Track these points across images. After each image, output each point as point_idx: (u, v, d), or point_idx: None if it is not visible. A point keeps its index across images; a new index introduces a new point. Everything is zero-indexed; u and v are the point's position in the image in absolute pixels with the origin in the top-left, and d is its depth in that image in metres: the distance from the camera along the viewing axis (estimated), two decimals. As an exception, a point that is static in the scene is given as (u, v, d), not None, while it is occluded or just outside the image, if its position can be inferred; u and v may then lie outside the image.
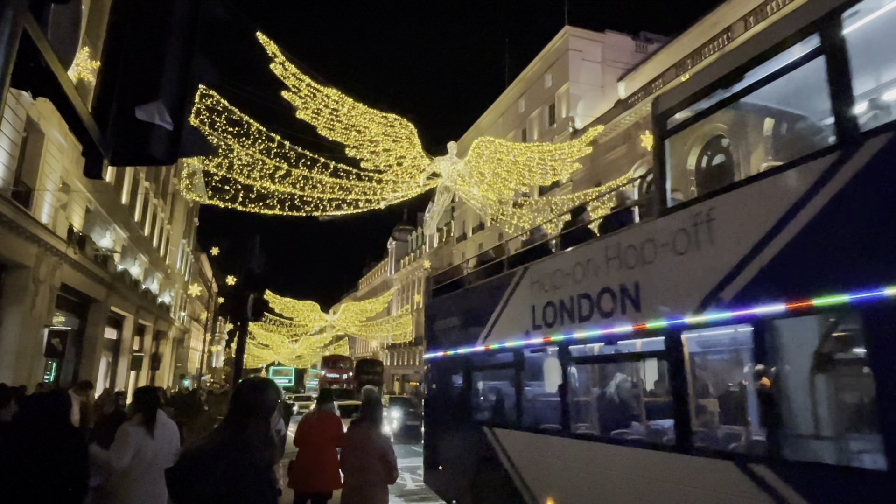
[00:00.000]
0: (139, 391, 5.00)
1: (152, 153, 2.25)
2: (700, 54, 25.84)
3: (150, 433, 4.08)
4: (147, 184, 25.13)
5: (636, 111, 29.52)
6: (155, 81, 2.25)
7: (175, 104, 2.31)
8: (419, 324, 57.80)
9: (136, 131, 2.19)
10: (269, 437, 2.73)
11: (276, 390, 2.83)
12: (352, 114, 16.08)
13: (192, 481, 2.46)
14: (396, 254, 72.87)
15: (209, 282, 60.28)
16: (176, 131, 2.32)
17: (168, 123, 2.28)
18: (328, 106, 15.88)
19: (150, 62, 2.24)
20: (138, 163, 2.33)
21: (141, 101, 2.20)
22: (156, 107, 2.24)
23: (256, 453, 2.57)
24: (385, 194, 16.58)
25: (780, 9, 21.94)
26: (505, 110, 45.10)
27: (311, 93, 15.52)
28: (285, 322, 52.20)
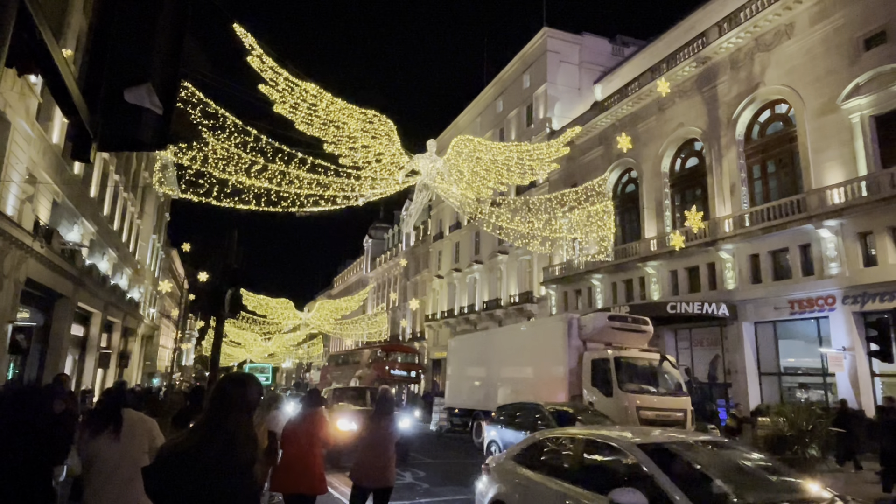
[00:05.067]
0: (103, 393, 4.83)
1: (141, 138, 2.18)
2: (675, 59, 26.29)
3: (115, 437, 3.88)
4: (117, 177, 24.50)
5: (612, 113, 29.91)
6: (145, 64, 2.18)
7: (164, 88, 2.24)
8: (394, 322, 57.58)
9: (124, 115, 2.11)
10: (251, 432, 2.67)
11: (257, 385, 2.75)
12: (330, 109, 15.89)
13: (172, 479, 2.39)
14: (372, 251, 72.48)
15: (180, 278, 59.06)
16: (165, 116, 2.25)
17: (157, 108, 2.21)
18: (306, 100, 15.66)
19: (140, 44, 2.16)
20: (127, 148, 2.25)
21: (130, 84, 2.13)
22: (145, 90, 2.17)
23: (239, 449, 2.51)
24: (363, 191, 16.43)
25: (753, 15, 22.45)
26: (483, 109, 45.23)
27: (289, 87, 15.29)
28: (258, 320, 51.42)
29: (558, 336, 15.74)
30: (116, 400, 4.10)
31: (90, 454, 3.84)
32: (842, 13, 19.47)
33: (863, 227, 18.08)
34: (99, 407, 4.21)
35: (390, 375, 26.71)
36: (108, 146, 2.11)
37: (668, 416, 13.55)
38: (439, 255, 50.32)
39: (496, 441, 12.88)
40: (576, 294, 31.24)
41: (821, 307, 19.03)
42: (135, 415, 4.12)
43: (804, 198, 19.73)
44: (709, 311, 21.78)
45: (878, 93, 18.18)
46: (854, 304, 18.02)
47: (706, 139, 24.70)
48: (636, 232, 28.30)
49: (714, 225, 22.95)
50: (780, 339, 21.31)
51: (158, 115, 2.22)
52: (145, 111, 2.17)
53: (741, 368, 21.64)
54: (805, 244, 19.88)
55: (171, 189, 25.28)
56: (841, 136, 19.16)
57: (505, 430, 12.69)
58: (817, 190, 19.31)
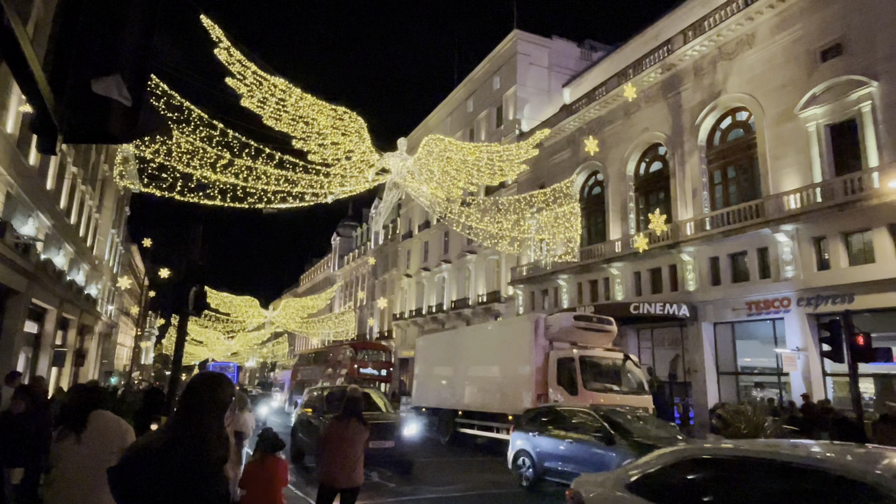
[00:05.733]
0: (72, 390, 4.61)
1: (109, 130, 2.12)
2: (641, 64, 26.85)
3: (78, 438, 3.73)
4: (75, 169, 23.66)
5: (580, 117, 30.36)
6: (113, 53, 2.12)
7: (134, 78, 2.18)
8: (362, 321, 57.21)
9: (92, 106, 2.06)
10: (223, 432, 2.63)
11: (230, 385, 2.72)
12: (299, 105, 15.70)
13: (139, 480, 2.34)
14: (340, 249, 71.85)
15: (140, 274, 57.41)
16: (135, 108, 2.19)
17: (126, 99, 2.15)
18: (275, 95, 15.43)
19: (109, 32, 2.11)
20: (94, 140, 2.19)
21: (98, 74, 2.07)
22: (114, 80, 2.12)
23: (211, 449, 2.47)
24: (332, 188, 16.29)
25: (717, 24, 23.10)
26: (454, 109, 45.33)
27: (257, 81, 15.04)
28: (221, 318, 50.40)
29: (525, 335, 15.90)
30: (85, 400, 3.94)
31: (54, 456, 3.71)
32: (800, 25, 20.20)
33: (817, 232, 18.80)
34: (67, 406, 4.05)
35: (359, 374, 26.27)
36: (75, 138, 2.05)
37: (630, 415, 13.83)
38: (408, 254, 50.22)
39: (528, 452, 11.10)
40: (542, 294, 31.61)
41: (776, 309, 19.72)
42: (109, 417, 3.92)
43: (762, 203, 20.41)
44: (670, 311, 22.33)
45: (833, 103, 18.93)
46: (808, 306, 18.73)
47: (670, 144, 25.31)
48: (602, 233, 28.80)
49: (676, 228, 23.53)
50: (738, 340, 22.01)
51: (127, 107, 2.17)
52: (114, 103, 2.12)
53: (700, 368, 22.25)
54: (762, 248, 20.56)
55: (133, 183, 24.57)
56: (798, 144, 19.89)
57: (539, 438, 10.97)
58: (775, 195, 20.00)
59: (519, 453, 11.36)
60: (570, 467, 9.87)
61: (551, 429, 10.91)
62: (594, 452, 9.56)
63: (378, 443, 10.65)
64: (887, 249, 16.82)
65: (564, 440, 10.37)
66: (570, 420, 10.79)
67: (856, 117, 18.36)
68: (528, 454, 11.02)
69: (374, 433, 10.85)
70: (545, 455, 10.69)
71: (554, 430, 10.81)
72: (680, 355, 23.83)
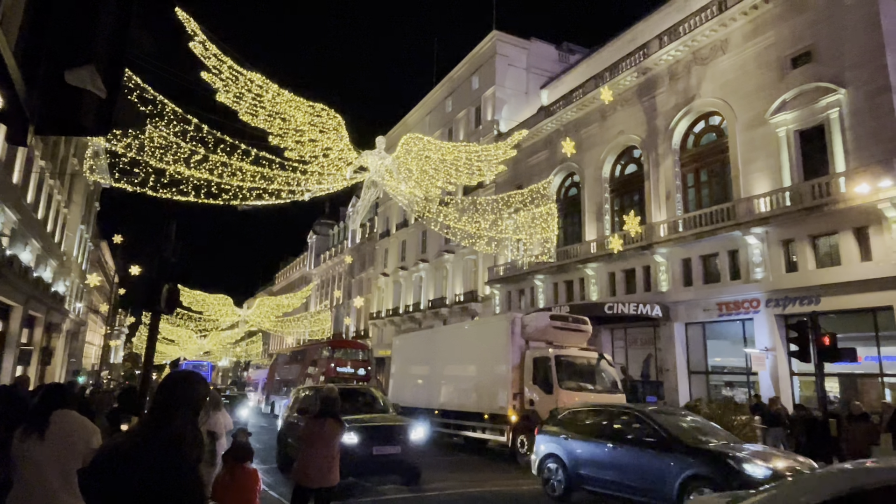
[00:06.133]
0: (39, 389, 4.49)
1: (83, 122, 2.08)
2: (618, 68, 27.19)
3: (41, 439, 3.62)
4: (43, 162, 23.02)
5: (557, 119, 30.62)
6: (88, 43, 2.07)
7: (109, 70, 2.14)
8: (338, 320, 56.82)
9: (65, 97, 2.01)
10: (197, 432, 2.58)
11: (204, 384, 2.68)
12: (276, 100, 15.53)
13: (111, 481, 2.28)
14: (317, 248, 71.25)
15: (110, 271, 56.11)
16: (109, 100, 2.15)
17: (101, 91, 2.11)
18: (251, 90, 15.24)
19: (84, 20, 2.06)
20: (67, 132, 2.14)
21: (72, 65, 2.02)
22: (88, 71, 2.07)
23: (186, 448, 2.43)
24: (310, 186, 16.14)
25: (692, 30, 23.52)
26: (432, 109, 45.31)
27: (233, 76, 14.83)
28: (193, 316, 49.53)
29: (502, 335, 15.97)
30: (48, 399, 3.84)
31: (16, 457, 3.60)
32: (772, 32, 20.69)
33: (786, 235, 19.28)
34: (35, 406, 3.94)
35: (337, 373, 25.89)
36: (47, 129, 2.00)
37: (604, 413, 14.00)
38: (385, 253, 50.04)
39: (557, 457, 9.92)
40: (519, 294, 31.80)
41: (746, 310, 20.17)
42: (75, 418, 3.83)
43: (733, 206, 20.85)
44: (643, 311, 22.67)
45: (802, 109, 19.43)
46: (776, 307, 19.20)
47: (645, 147, 25.68)
48: (577, 234, 29.10)
49: (650, 230, 23.90)
50: (709, 340, 22.45)
51: (102, 100, 2.12)
52: (88, 94, 2.07)
53: (672, 367, 22.65)
54: (733, 250, 21.01)
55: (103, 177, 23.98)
56: (768, 149, 20.37)
57: (572, 441, 9.82)
58: (746, 199, 20.45)
59: (546, 459, 10.17)
60: (613, 475, 8.88)
61: (587, 431, 9.81)
62: (645, 459, 8.50)
63: (382, 448, 10.00)
64: (853, 252, 17.34)
65: (605, 444, 9.22)
66: (609, 421, 9.75)
67: (824, 123, 18.87)
68: (559, 460, 9.87)
69: (377, 438, 10.02)
70: (580, 461, 9.51)
71: (590, 432, 9.73)
72: (652, 354, 24.21)
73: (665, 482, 8.01)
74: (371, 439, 9.93)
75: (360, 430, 9.89)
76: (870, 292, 16.56)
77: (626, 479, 8.62)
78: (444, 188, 16.94)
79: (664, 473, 8.05)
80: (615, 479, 8.84)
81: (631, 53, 26.70)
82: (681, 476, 7.81)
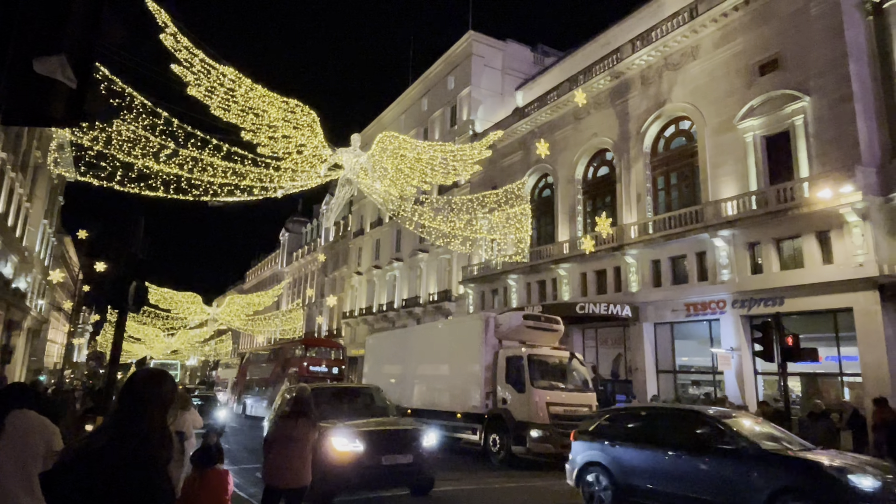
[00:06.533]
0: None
1: (51, 113, 2.02)
2: (591, 71, 27.53)
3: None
4: (4, 154, 22.25)
5: (532, 120, 30.85)
6: (59, 32, 2.02)
7: (80, 60, 2.08)
8: (310, 319, 56.26)
9: (34, 87, 1.95)
10: (166, 431, 2.54)
11: (172, 382, 2.63)
12: (250, 95, 15.30)
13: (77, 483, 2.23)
14: (289, 246, 70.46)
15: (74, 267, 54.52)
16: (80, 90, 2.09)
17: (71, 81, 2.05)
18: (223, 85, 14.98)
19: (54, 9, 2.00)
20: (34, 123, 2.08)
21: (41, 53, 1.97)
22: (58, 61, 2.01)
23: (154, 448, 2.38)
24: (283, 183, 15.95)
25: (663, 36, 23.96)
26: (408, 107, 45.20)
27: (205, 69, 14.55)
28: (161, 314, 48.45)
29: (476, 334, 16.04)
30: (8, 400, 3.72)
31: None
32: (741, 39, 21.20)
33: (751, 237, 19.79)
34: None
35: (310, 372, 25.53)
36: (14, 119, 1.94)
37: (575, 412, 14.17)
38: (359, 252, 49.75)
39: (602, 467, 8.80)
40: (493, 293, 31.96)
41: (713, 310, 20.65)
42: (34, 418, 3.72)
43: (702, 209, 21.32)
44: (614, 311, 23.03)
45: (769, 115, 19.97)
46: (742, 308, 19.70)
47: (617, 150, 26.07)
48: (551, 235, 29.38)
49: (621, 231, 24.28)
50: (677, 339, 22.92)
51: (72, 90, 2.07)
52: (57, 84, 2.02)
53: (641, 366, 23.05)
54: (701, 252, 21.48)
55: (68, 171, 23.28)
56: (736, 154, 20.88)
57: (620, 448, 8.72)
58: (714, 202, 20.93)
59: (587, 468, 9.01)
60: (677, 488, 7.81)
61: (638, 437, 8.71)
62: (720, 469, 7.45)
63: (392, 458, 8.85)
64: (815, 256, 17.89)
65: (664, 452, 8.11)
66: (666, 425, 8.69)
67: (789, 130, 19.43)
68: (603, 469, 8.74)
69: (387, 445, 8.94)
70: (631, 471, 8.41)
71: (643, 438, 8.63)
72: (622, 354, 24.60)
73: (747, 496, 7.03)
74: (379, 447, 8.81)
75: (366, 437, 8.73)
76: (831, 294, 17.11)
77: (695, 492, 7.56)
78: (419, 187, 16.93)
79: (746, 486, 7.07)
80: (679, 492, 7.75)
81: (604, 57, 27.06)
82: (768, 489, 6.84)
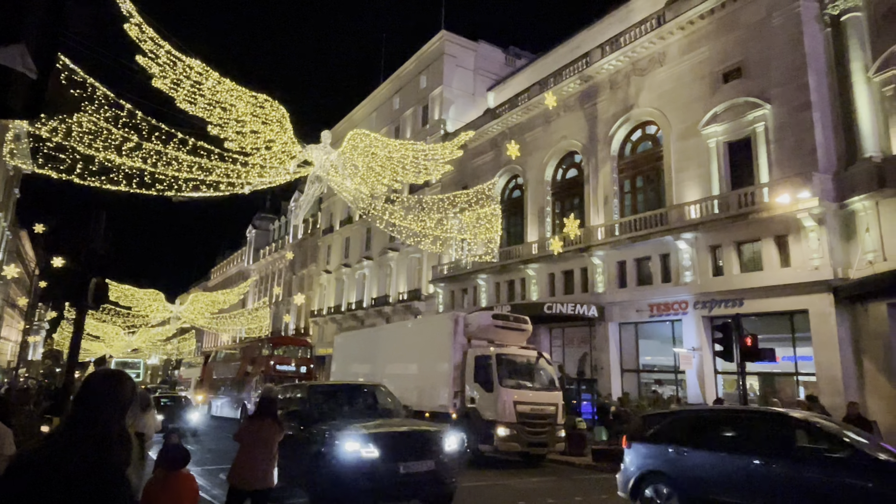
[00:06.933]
0: None
1: (9, 105, 1.95)
2: (561, 74, 27.87)
3: None
4: (-46, 144, 21.31)
5: (503, 121, 31.07)
6: (17, 18, 1.95)
7: (41, 49, 2.02)
8: (277, 317, 55.47)
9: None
10: (125, 434, 2.47)
11: (131, 382, 2.56)
12: (217, 89, 15.00)
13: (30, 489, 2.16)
14: (256, 243, 69.33)
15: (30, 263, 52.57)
16: (40, 81, 2.03)
17: (31, 71, 1.99)
18: (190, 77, 14.66)
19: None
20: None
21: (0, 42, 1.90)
22: (17, 50, 1.95)
23: (113, 452, 2.32)
24: (250, 179, 15.70)
25: (632, 41, 24.42)
26: (379, 105, 44.98)
27: (170, 61, 14.22)
28: (121, 312, 47.12)
29: (445, 333, 16.07)
30: None
31: None
32: (706, 47, 21.77)
33: (713, 240, 20.34)
34: None
35: (276, 371, 25.03)
36: (-30, 109, 1.87)
37: (541, 410, 14.35)
38: (328, 250, 49.28)
39: (666, 476, 7.53)
40: (462, 293, 32.07)
41: (675, 311, 21.16)
42: None
43: (666, 212, 21.82)
44: (580, 311, 23.38)
45: (731, 122, 20.55)
46: (703, 308, 20.23)
47: (585, 152, 26.47)
48: (520, 236, 29.64)
49: (588, 233, 24.66)
50: (641, 339, 23.41)
51: (32, 81, 2.01)
52: (16, 74, 1.96)
53: (606, 365, 23.46)
54: (665, 254, 21.98)
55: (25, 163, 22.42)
56: (700, 158, 21.43)
57: (692, 455, 7.43)
58: (677, 205, 21.44)
59: (646, 478, 7.69)
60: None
61: (714, 443, 7.34)
62: (829, 482, 6.23)
63: (412, 465, 7.61)
64: (773, 259, 18.50)
65: (750, 460, 6.76)
66: (750, 429, 7.34)
67: (751, 136, 20.04)
68: (668, 479, 7.44)
69: (405, 451, 7.64)
70: (706, 482, 7.08)
71: (720, 444, 7.29)
72: (588, 353, 24.98)
73: None
74: (397, 452, 7.57)
75: (382, 440, 7.56)
76: (788, 296, 17.72)
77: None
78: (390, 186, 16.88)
79: (863, 502, 6.02)
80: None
81: (574, 61, 27.43)
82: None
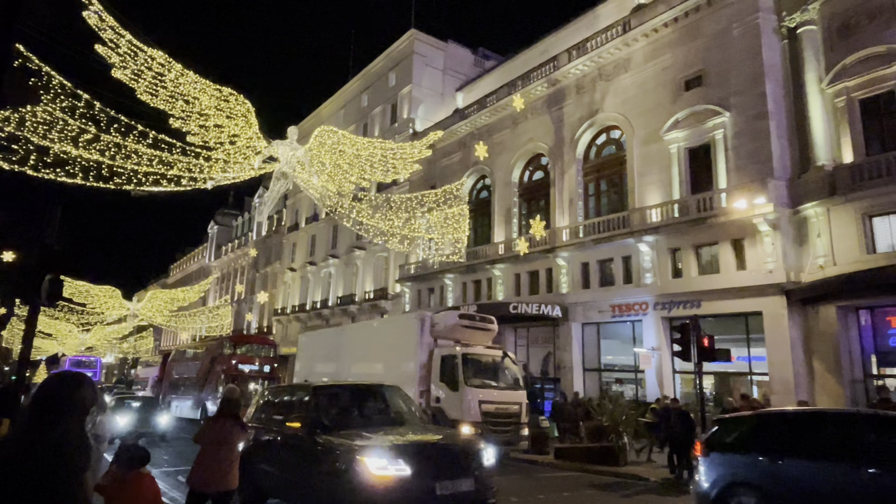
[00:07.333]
0: None
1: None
2: (529, 77, 28.19)
3: None
4: None
5: (471, 122, 31.24)
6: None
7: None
8: (239, 315, 54.42)
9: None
10: (84, 439, 2.41)
11: (91, 386, 2.50)
12: (180, 81, 14.65)
13: None
14: (218, 239, 67.83)
15: (-25, 257, 50.23)
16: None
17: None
18: (152, 68, 14.28)
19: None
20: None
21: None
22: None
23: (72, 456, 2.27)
24: (213, 174, 15.36)
25: (598, 47, 24.87)
26: (347, 102, 44.62)
27: (131, 51, 13.82)
28: (76, 309, 45.48)
29: (412, 333, 16.07)
30: None
31: None
32: (669, 55, 22.34)
33: (673, 243, 20.91)
34: None
35: (238, 371, 24.45)
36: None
37: (506, 409, 14.49)
38: (293, 248, 48.61)
39: (757, 489, 6.58)
40: (429, 292, 32.11)
41: (636, 312, 21.66)
42: None
43: (628, 215, 22.32)
44: (545, 311, 23.71)
45: (692, 128, 21.16)
46: (663, 309, 20.77)
47: (552, 155, 26.84)
48: (487, 236, 29.86)
49: (553, 234, 25.03)
50: (603, 339, 23.89)
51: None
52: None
53: (569, 365, 23.86)
54: (627, 256, 22.49)
55: (-29, 152, 21.41)
56: (661, 163, 21.99)
57: (789, 464, 6.47)
58: (639, 209, 21.95)
59: (730, 490, 6.78)
60: None
61: (818, 450, 6.35)
62: None
63: (449, 484, 6.36)
64: (730, 262, 19.13)
65: (868, 471, 5.83)
66: (861, 434, 6.39)
67: (710, 143, 20.67)
68: (760, 493, 6.50)
69: (442, 468, 6.46)
70: (808, 496, 6.17)
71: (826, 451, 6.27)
72: (551, 353, 25.35)
73: None
74: (432, 469, 6.35)
75: (413, 456, 6.34)
76: (743, 298, 18.35)
77: None
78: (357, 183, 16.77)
79: None
80: None
81: (542, 64, 27.77)
82: None
